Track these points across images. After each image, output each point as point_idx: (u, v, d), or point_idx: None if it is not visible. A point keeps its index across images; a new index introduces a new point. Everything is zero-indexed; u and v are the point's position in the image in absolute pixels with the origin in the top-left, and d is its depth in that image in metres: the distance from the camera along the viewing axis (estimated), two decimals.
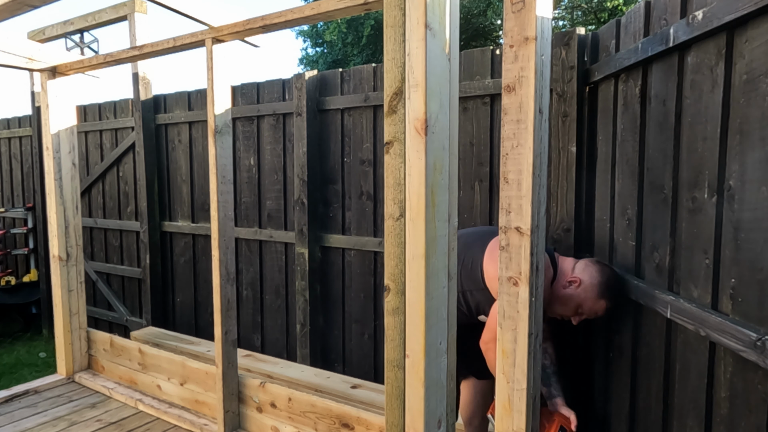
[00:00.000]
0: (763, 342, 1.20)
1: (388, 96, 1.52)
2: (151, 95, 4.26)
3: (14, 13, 2.07)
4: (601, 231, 2.24)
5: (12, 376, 4.26)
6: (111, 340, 3.24)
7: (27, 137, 5.47)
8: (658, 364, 1.77)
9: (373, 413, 2.24)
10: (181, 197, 4.24)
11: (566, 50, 2.38)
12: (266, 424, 2.54)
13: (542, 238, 1.62)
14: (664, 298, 1.65)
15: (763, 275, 1.25)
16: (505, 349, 1.58)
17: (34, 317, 5.45)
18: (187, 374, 2.83)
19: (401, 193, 1.54)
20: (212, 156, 2.45)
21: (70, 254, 3.25)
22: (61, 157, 3.18)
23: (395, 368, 1.63)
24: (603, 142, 2.24)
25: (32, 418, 2.77)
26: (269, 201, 3.71)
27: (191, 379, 2.82)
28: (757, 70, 1.27)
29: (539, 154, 1.52)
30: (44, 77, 3.11)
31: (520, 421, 1.57)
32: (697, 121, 1.54)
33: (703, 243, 1.49)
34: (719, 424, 1.44)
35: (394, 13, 1.49)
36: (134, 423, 2.74)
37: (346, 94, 3.30)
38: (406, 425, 1.61)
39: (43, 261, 5.19)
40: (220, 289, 2.49)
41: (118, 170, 4.62)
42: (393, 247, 1.59)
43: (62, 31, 4.36)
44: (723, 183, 1.41)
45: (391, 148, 1.54)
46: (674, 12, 1.66)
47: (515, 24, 1.48)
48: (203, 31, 2.40)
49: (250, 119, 3.75)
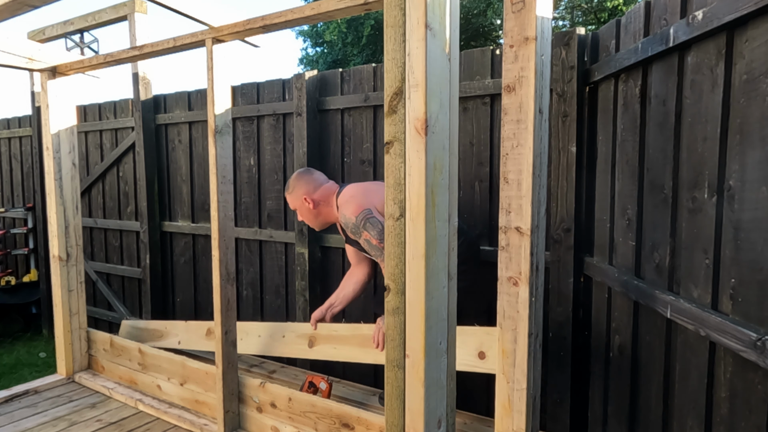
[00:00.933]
0: (763, 342, 1.20)
1: (389, 96, 1.52)
2: (151, 95, 4.26)
3: (14, 13, 2.07)
4: (601, 231, 2.24)
5: (12, 376, 4.26)
6: (111, 340, 3.24)
7: (27, 137, 5.46)
8: (658, 364, 1.77)
9: (374, 413, 2.24)
10: (181, 197, 4.24)
11: (566, 50, 2.38)
12: (266, 424, 2.54)
13: (542, 238, 1.62)
14: (664, 298, 1.65)
15: (763, 275, 1.25)
16: (505, 349, 1.58)
17: (34, 317, 5.45)
18: (187, 374, 2.83)
19: (401, 193, 1.54)
20: (212, 156, 2.45)
21: (70, 254, 3.25)
22: (61, 157, 3.18)
23: (395, 368, 1.63)
24: (603, 142, 2.24)
25: (32, 418, 2.77)
26: (269, 201, 3.71)
27: (191, 379, 2.82)
28: (757, 70, 1.27)
29: (539, 154, 1.52)
30: (44, 77, 3.11)
31: (520, 421, 1.57)
32: (697, 121, 1.54)
33: (703, 243, 1.49)
34: (719, 424, 1.44)
35: (395, 13, 1.49)
36: (134, 423, 2.74)
37: (346, 94, 3.30)
38: (406, 425, 1.61)
39: (43, 261, 5.19)
40: (220, 289, 2.49)
41: (118, 170, 4.62)
42: (393, 247, 1.59)
43: (62, 31, 4.36)
44: (723, 183, 1.41)
45: (392, 148, 1.54)
46: (674, 12, 1.66)
47: (515, 24, 1.48)
48: (203, 31, 2.40)
49: (250, 119, 3.75)
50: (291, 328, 3.07)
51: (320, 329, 2.87)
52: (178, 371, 2.87)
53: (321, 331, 2.89)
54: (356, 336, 2.79)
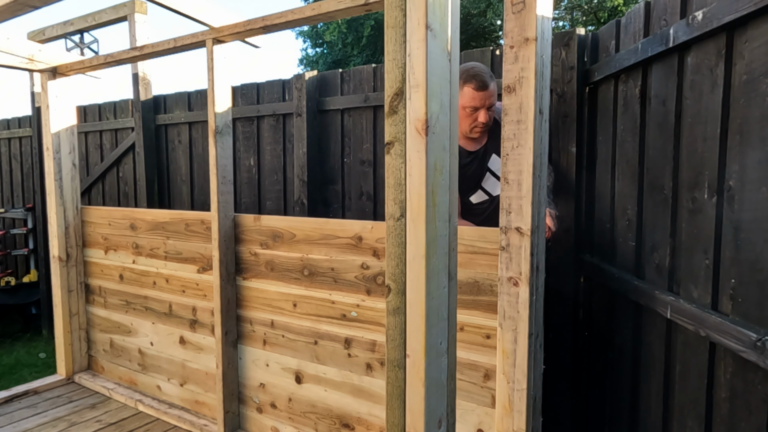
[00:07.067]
0: (763, 342, 1.20)
1: (389, 96, 1.52)
2: (151, 96, 4.26)
3: (15, 14, 2.07)
4: (601, 231, 2.25)
5: (12, 376, 4.26)
6: (111, 340, 3.24)
7: (27, 138, 5.47)
8: (658, 365, 1.77)
9: (374, 414, 2.24)
10: (181, 197, 4.24)
11: (566, 51, 2.38)
12: (266, 424, 2.54)
13: (542, 239, 1.62)
14: (664, 299, 1.65)
15: (763, 275, 1.25)
16: (505, 349, 1.58)
17: (33, 318, 5.45)
18: (187, 375, 2.83)
19: (402, 193, 1.54)
20: (212, 156, 2.45)
21: (70, 255, 3.25)
22: (61, 157, 3.18)
23: (396, 368, 1.63)
24: (603, 143, 2.24)
25: (32, 419, 2.77)
26: (269, 201, 3.71)
27: (191, 379, 2.82)
28: (757, 70, 1.27)
29: (539, 154, 1.52)
30: (44, 78, 3.11)
31: (520, 421, 1.58)
32: (697, 121, 1.54)
33: (703, 243, 1.50)
34: (719, 424, 1.44)
35: (395, 14, 1.49)
36: (134, 423, 2.74)
37: (346, 94, 3.30)
38: (407, 425, 1.61)
39: (42, 262, 5.19)
40: (221, 290, 2.50)
41: (118, 171, 4.62)
42: (393, 248, 1.59)
43: (62, 31, 4.36)
44: (723, 183, 1.41)
45: (392, 148, 1.54)
46: (674, 12, 1.66)
47: (515, 25, 1.48)
48: (204, 31, 2.40)
49: (250, 119, 3.75)
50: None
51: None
52: (178, 372, 2.87)
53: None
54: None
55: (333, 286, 2.25)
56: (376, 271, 2.12)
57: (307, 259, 2.32)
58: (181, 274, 2.80)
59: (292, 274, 2.37)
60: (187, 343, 2.81)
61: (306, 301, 2.34)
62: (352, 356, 2.22)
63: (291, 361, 2.42)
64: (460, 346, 1.94)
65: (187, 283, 2.78)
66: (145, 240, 2.95)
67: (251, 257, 2.51)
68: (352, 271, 2.19)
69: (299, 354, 2.39)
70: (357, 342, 2.21)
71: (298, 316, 2.37)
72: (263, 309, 2.49)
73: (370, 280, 2.14)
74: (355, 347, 2.21)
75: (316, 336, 2.32)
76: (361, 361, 2.21)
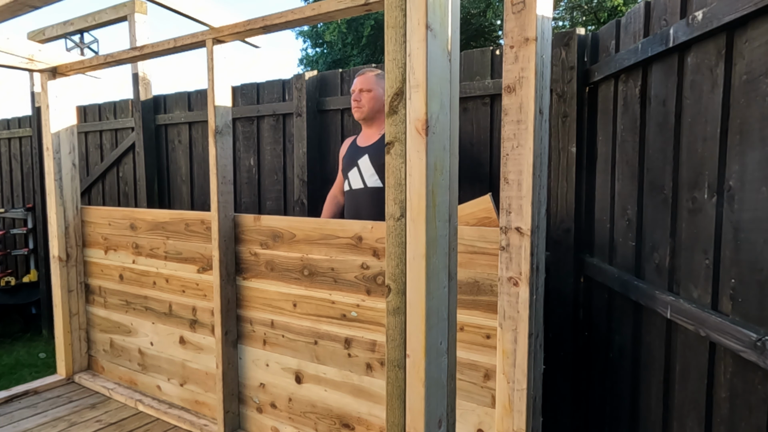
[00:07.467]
0: (763, 342, 1.20)
1: (389, 96, 1.52)
2: (151, 96, 4.26)
3: (15, 14, 2.07)
4: (601, 231, 2.25)
5: (12, 376, 4.25)
6: (111, 340, 3.24)
7: (27, 138, 5.47)
8: (658, 365, 1.77)
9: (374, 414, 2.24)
10: (181, 197, 4.24)
11: (566, 51, 2.38)
12: (266, 424, 2.54)
13: (542, 239, 1.62)
14: (664, 299, 1.65)
15: (763, 275, 1.25)
16: (505, 349, 1.58)
17: (33, 318, 5.45)
18: (187, 375, 2.83)
19: (402, 193, 1.55)
20: (212, 156, 2.45)
21: (70, 255, 3.25)
22: (61, 157, 3.18)
23: (396, 368, 1.63)
24: (603, 143, 2.25)
25: (32, 419, 2.77)
26: (269, 201, 3.71)
27: (191, 379, 2.82)
28: (757, 70, 1.28)
29: (539, 154, 1.53)
30: (44, 78, 3.11)
31: (520, 421, 1.58)
32: (697, 121, 1.54)
33: (703, 243, 1.50)
34: (719, 424, 1.44)
35: (395, 14, 1.49)
36: (134, 423, 2.74)
37: (346, 94, 3.30)
38: (407, 425, 1.61)
39: (42, 261, 5.19)
40: (221, 290, 2.50)
41: (118, 171, 4.62)
42: (394, 247, 1.59)
43: (62, 31, 4.36)
44: (723, 183, 1.41)
45: (392, 148, 1.54)
46: (674, 12, 1.66)
47: (515, 24, 1.48)
48: (204, 31, 2.40)
49: (250, 119, 3.75)
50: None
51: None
52: (178, 372, 2.87)
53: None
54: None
55: (333, 286, 2.25)
56: (376, 271, 2.12)
57: (307, 259, 2.32)
58: (181, 274, 2.80)
59: (292, 274, 2.37)
60: (187, 343, 2.81)
61: (306, 301, 2.34)
62: (352, 356, 2.23)
63: (291, 361, 2.42)
64: (460, 346, 1.94)
65: (187, 283, 2.78)
66: (145, 240, 2.95)
67: (251, 257, 2.51)
68: (352, 271, 2.19)
69: (299, 354, 2.39)
70: (357, 342, 2.21)
71: (298, 316, 2.38)
72: (263, 309, 2.50)
73: (370, 280, 2.14)
74: (355, 347, 2.21)
75: (316, 336, 2.32)
76: (361, 361, 2.21)
